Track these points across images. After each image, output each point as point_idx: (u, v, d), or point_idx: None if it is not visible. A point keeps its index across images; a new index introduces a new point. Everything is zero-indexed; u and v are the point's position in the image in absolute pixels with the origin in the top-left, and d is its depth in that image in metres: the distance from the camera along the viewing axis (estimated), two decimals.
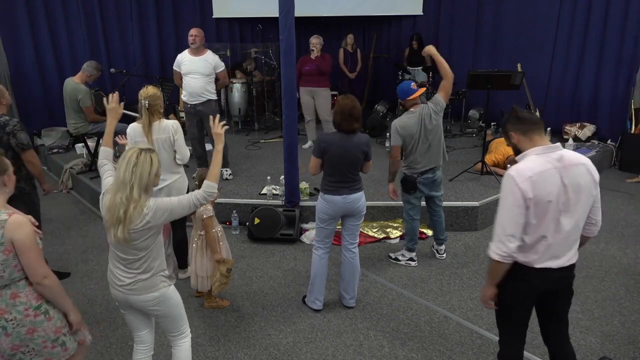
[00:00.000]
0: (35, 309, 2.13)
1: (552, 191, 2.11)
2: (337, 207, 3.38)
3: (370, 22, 9.24)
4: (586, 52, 7.01)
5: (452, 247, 4.55)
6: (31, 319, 2.12)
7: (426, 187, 4.04)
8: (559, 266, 2.21)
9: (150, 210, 2.20)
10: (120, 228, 2.17)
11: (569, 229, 2.18)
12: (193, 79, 5.34)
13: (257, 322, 3.50)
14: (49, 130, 7.30)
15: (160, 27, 8.39)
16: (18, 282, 2.10)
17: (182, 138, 3.59)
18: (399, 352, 3.17)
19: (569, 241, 2.21)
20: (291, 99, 4.57)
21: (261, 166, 6.14)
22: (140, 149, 2.22)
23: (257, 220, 4.73)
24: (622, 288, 3.84)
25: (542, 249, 2.18)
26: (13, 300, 2.09)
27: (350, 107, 3.24)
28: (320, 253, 3.52)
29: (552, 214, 2.14)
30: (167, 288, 2.41)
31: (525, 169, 2.13)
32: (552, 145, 2.17)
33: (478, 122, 7.71)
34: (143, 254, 2.29)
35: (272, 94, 8.20)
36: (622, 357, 3.08)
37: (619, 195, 5.62)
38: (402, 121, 3.89)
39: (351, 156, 3.29)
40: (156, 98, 3.46)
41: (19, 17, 7.13)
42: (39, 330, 2.14)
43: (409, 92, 3.89)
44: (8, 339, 2.11)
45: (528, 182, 2.09)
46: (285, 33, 4.41)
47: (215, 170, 2.52)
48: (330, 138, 3.33)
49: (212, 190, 2.43)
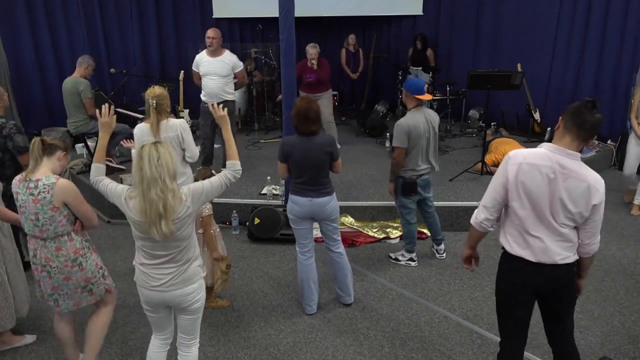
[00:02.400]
0: (72, 261, 2.64)
1: (538, 186, 2.14)
2: (303, 209, 3.37)
3: (370, 22, 9.24)
4: (586, 52, 7.00)
5: (452, 247, 4.55)
6: (68, 269, 2.64)
7: (422, 188, 4.03)
8: (551, 262, 2.22)
9: (188, 196, 2.25)
10: (163, 222, 2.16)
11: (558, 231, 2.18)
12: (211, 80, 5.39)
13: (257, 322, 3.50)
14: (49, 130, 7.29)
15: (160, 27, 8.38)
16: (61, 237, 2.62)
17: (191, 136, 3.60)
18: (399, 352, 3.17)
19: (560, 242, 2.21)
20: (291, 99, 4.56)
21: (261, 166, 6.14)
22: (152, 144, 2.21)
23: (257, 220, 4.73)
24: (622, 288, 3.84)
25: (534, 244, 2.22)
26: (57, 252, 2.61)
27: (305, 109, 3.22)
28: (302, 259, 3.50)
29: (539, 210, 2.17)
30: (202, 279, 2.45)
31: (522, 154, 2.21)
32: (568, 151, 2.14)
33: (478, 122, 7.71)
34: (185, 244, 2.31)
35: (272, 94, 8.20)
36: (622, 357, 3.08)
37: (619, 196, 5.62)
38: (412, 120, 3.81)
39: (314, 158, 3.26)
40: (163, 97, 3.47)
41: (19, 17, 7.14)
42: (73, 279, 2.66)
43: (420, 91, 3.84)
44: (50, 281, 2.65)
45: (515, 166, 2.19)
46: (285, 33, 4.41)
47: (233, 149, 2.55)
48: (293, 141, 3.31)
49: (237, 167, 2.49)
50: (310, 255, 3.51)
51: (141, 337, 3.33)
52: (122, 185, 2.37)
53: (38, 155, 2.59)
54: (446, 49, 8.64)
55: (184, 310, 2.42)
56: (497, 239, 2.42)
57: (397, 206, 4.16)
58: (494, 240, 4.80)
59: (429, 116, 3.89)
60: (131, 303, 3.70)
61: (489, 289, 3.86)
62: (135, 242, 2.36)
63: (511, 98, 7.35)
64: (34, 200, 2.53)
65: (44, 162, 2.62)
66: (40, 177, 2.56)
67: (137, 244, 2.34)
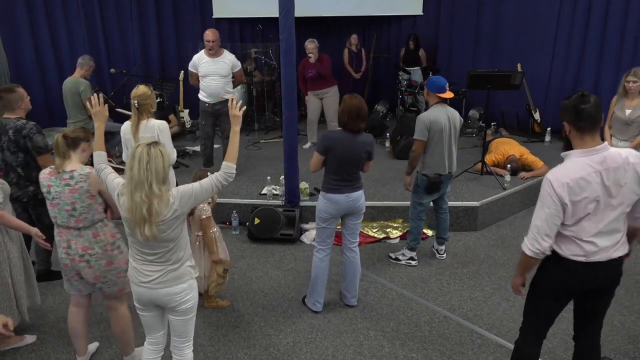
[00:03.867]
0: (111, 245, 2.74)
1: (592, 194, 2.12)
2: (339, 206, 3.37)
3: (370, 22, 9.23)
4: (586, 52, 7.00)
5: (452, 247, 4.55)
6: (109, 253, 2.72)
7: (443, 185, 4.07)
8: (606, 260, 2.21)
9: (176, 199, 2.22)
10: (146, 226, 2.15)
11: (609, 224, 2.18)
12: (213, 81, 5.41)
13: (257, 322, 3.50)
14: (49, 130, 7.25)
15: (160, 27, 8.38)
16: (97, 224, 2.71)
17: (169, 139, 3.56)
18: (399, 352, 3.17)
19: (612, 236, 2.21)
20: (291, 99, 4.57)
21: (261, 166, 6.14)
22: (146, 144, 2.20)
23: (257, 220, 4.73)
24: (622, 288, 3.80)
25: (587, 247, 2.19)
26: (95, 239, 2.69)
27: (357, 107, 3.23)
28: (321, 256, 3.51)
29: (594, 214, 2.16)
30: (193, 280, 2.43)
31: (563, 174, 2.13)
32: (597, 147, 2.14)
33: (478, 122, 7.71)
34: (172, 245, 2.29)
35: (272, 94, 8.21)
36: (622, 357, 3.08)
37: None
38: (432, 115, 3.84)
39: (355, 155, 3.29)
40: (146, 97, 3.47)
41: (19, 17, 7.14)
42: (115, 262, 2.74)
43: (442, 89, 3.87)
44: (91, 270, 2.70)
45: (564, 187, 2.11)
46: (285, 33, 4.41)
47: (234, 151, 2.49)
48: (336, 136, 3.32)
49: (231, 171, 2.42)
50: (329, 254, 3.53)
51: (141, 336, 3.32)
52: (119, 180, 2.37)
53: (64, 150, 2.66)
54: (446, 49, 8.63)
55: (173, 310, 2.41)
56: (498, 240, 2.41)
57: (413, 201, 4.16)
58: (494, 240, 4.82)
59: (451, 114, 3.92)
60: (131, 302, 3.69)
61: (489, 289, 3.86)
62: None
63: (511, 98, 7.35)
64: (71, 190, 2.61)
65: (72, 156, 2.70)
66: (75, 168, 2.65)
67: (129, 240, 2.35)
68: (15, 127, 3.53)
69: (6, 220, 2.91)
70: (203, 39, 5.40)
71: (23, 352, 3.20)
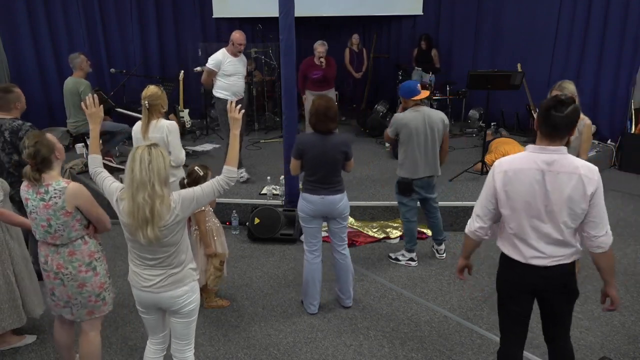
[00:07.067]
0: (87, 266, 2.57)
1: (527, 190, 2.14)
2: (315, 206, 3.36)
3: (370, 22, 9.23)
4: (586, 52, 7.00)
5: (452, 247, 4.55)
6: (82, 275, 2.56)
7: (422, 189, 4.04)
8: (544, 265, 2.21)
9: (177, 203, 2.22)
10: (149, 228, 2.14)
11: (550, 233, 2.17)
12: (239, 80, 5.52)
13: (257, 322, 3.50)
14: (49, 130, 7.30)
15: (160, 27, 8.38)
16: (74, 241, 2.54)
17: (177, 139, 3.58)
18: (399, 352, 3.17)
19: (552, 244, 2.19)
20: (291, 99, 4.58)
21: (261, 166, 6.14)
22: (146, 146, 2.19)
23: (257, 220, 4.73)
24: (622, 288, 3.83)
25: (524, 246, 2.23)
26: (70, 257, 2.54)
27: (325, 107, 3.22)
28: (310, 258, 3.50)
29: (530, 214, 2.17)
30: (195, 282, 2.43)
31: (506, 163, 2.23)
32: (551, 148, 2.12)
33: (478, 122, 7.71)
34: (173, 250, 2.28)
35: (272, 94, 8.20)
36: (622, 357, 3.08)
37: (619, 196, 5.62)
38: (405, 117, 3.85)
39: (329, 157, 3.28)
40: (156, 98, 3.49)
41: (19, 17, 7.14)
42: (87, 285, 2.58)
43: (413, 92, 3.85)
44: (65, 289, 2.57)
45: (501, 174, 2.20)
46: (285, 33, 4.41)
47: (234, 154, 2.48)
48: (308, 139, 3.32)
49: (232, 175, 2.42)
50: (318, 255, 3.51)
51: (141, 337, 3.33)
52: (117, 184, 2.35)
53: (35, 173, 2.47)
54: (446, 49, 8.63)
55: (176, 313, 2.40)
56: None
57: (397, 202, 4.18)
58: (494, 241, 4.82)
59: (429, 117, 3.87)
60: (131, 303, 3.66)
61: (489, 289, 3.86)
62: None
63: (511, 98, 7.35)
64: (45, 205, 2.45)
65: (47, 171, 2.51)
66: (50, 181, 2.47)
67: (128, 245, 2.34)
68: (11, 129, 3.52)
69: (7, 217, 2.89)
70: (232, 40, 5.30)
71: (23, 352, 3.20)
